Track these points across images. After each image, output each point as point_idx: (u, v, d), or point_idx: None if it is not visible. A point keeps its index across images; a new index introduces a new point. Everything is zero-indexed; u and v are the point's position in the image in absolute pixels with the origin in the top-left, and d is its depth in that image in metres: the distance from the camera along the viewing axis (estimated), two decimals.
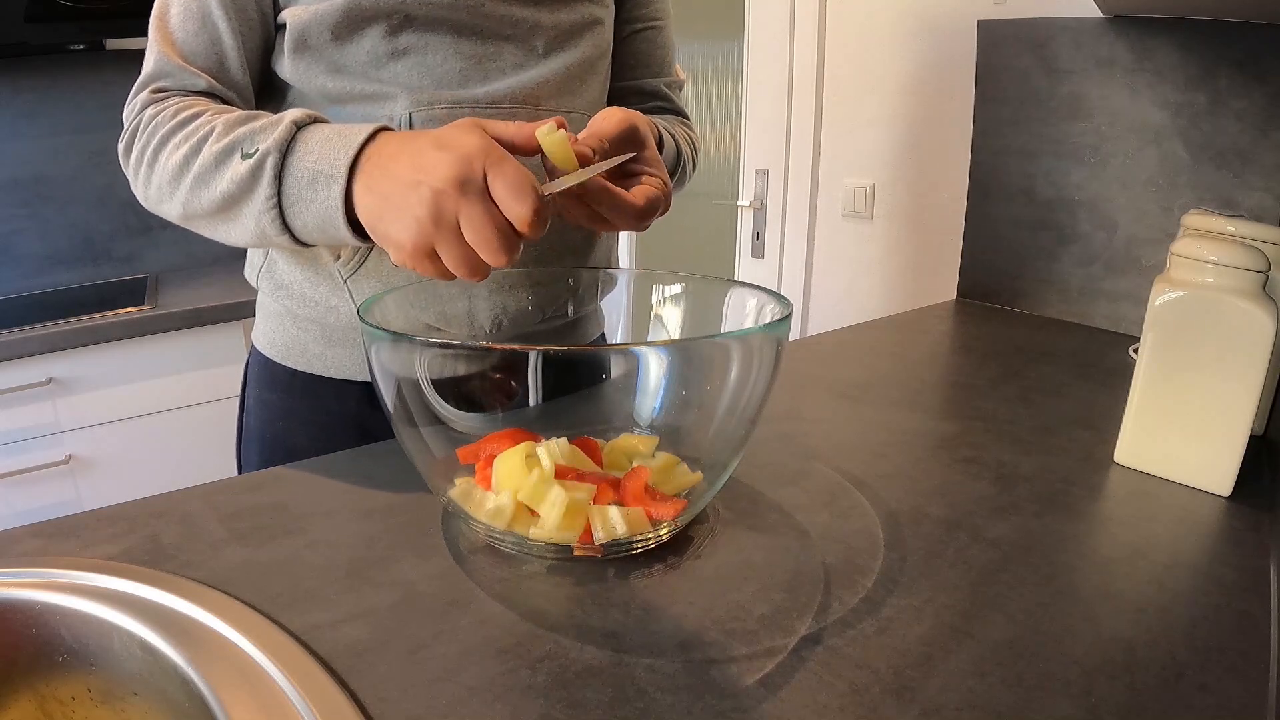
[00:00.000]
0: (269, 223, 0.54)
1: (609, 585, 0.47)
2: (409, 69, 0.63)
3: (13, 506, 1.51)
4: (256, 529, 0.52)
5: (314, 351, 0.73)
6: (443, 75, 0.64)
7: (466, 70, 0.65)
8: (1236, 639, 0.42)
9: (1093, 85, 1.01)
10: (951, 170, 1.30)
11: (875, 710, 0.37)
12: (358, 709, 0.37)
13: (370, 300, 0.52)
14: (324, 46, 0.63)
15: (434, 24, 0.63)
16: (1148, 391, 0.60)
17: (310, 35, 0.62)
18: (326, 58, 0.63)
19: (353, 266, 0.67)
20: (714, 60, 1.86)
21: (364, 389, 0.73)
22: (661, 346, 0.57)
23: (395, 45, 0.63)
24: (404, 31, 0.62)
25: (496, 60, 0.66)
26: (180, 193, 0.58)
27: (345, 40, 0.62)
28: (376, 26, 0.62)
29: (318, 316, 0.70)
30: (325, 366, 0.73)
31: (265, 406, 0.76)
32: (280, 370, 0.74)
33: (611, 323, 0.73)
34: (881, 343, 0.97)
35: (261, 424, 0.76)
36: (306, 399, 0.74)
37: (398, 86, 0.63)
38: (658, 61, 0.83)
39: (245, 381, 0.80)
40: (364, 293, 0.68)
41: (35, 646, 0.44)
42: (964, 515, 0.55)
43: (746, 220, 1.75)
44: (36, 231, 1.81)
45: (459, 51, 0.64)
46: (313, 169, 0.52)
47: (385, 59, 0.63)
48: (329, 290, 0.69)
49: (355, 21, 0.61)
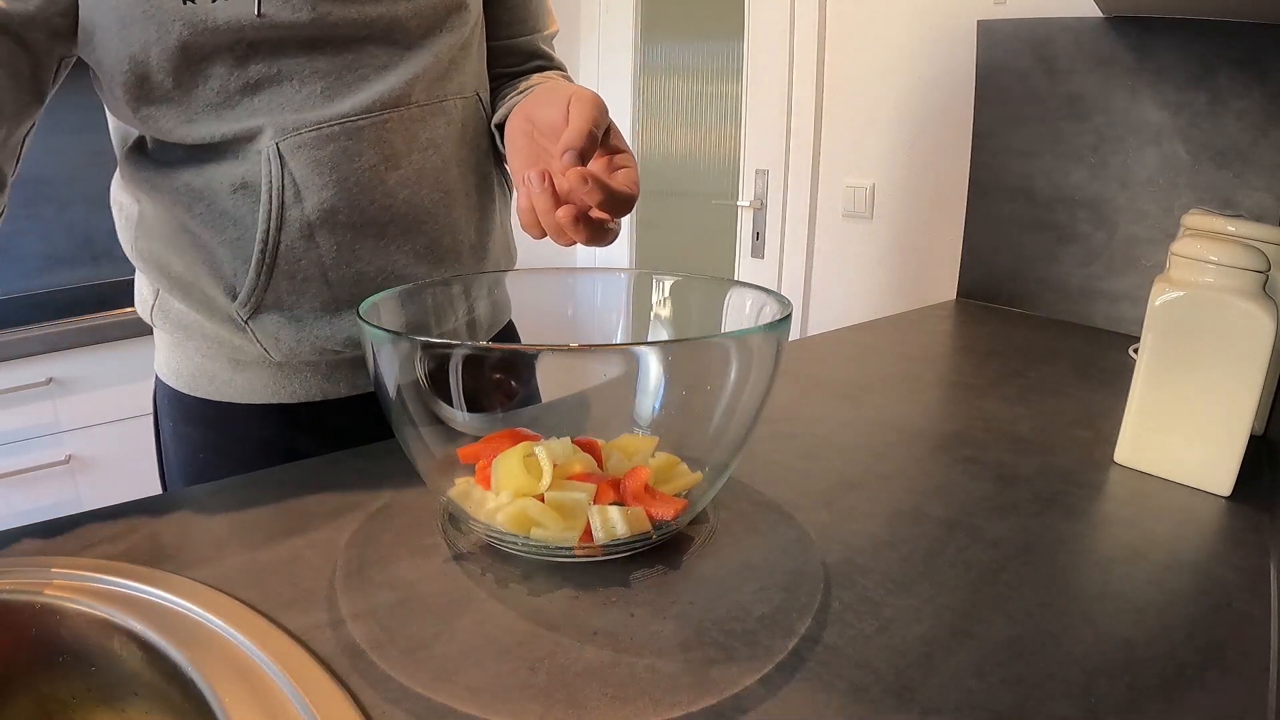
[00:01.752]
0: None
1: (609, 585, 0.47)
2: (266, 100, 0.58)
3: (13, 506, 1.51)
4: (257, 529, 0.52)
5: (223, 378, 0.68)
6: (303, 99, 0.58)
7: (327, 87, 0.59)
8: (1236, 639, 0.42)
9: (1093, 85, 1.01)
10: (951, 170, 1.30)
11: (875, 710, 0.37)
12: (358, 709, 0.37)
13: (370, 300, 0.52)
14: (169, 94, 0.57)
15: (280, 46, 0.57)
16: (1148, 391, 0.60)
17: (152, 84, 0.57)
18: (175, 105, 0.58)
19: (250, 308, 0.63)
20: (714, 60, 1.86)
21: (281, 411, 0.69)
22: (661, 346, 0.57)
23: (246, 78, 0.57)
24: (251, 61, 0.57)
25: (357, 68, 0.60)
26: None
27: (189, 85, 0.57)
28: (220, 62, 0.56)
29: (224, 353, 0.67)
30: (236, 392, 0.68)
31: (182, 441, 0.72)
32: (190, 401, 0.70)
33: (611, 322, 0.73)
34: (881, 343, 0.97)
35: (182, 460, 0.73)
36: (223, 428, 0.69)
37: (258, 120, 0.58)
38: (532, 15, 0.76)
39: (156, 416, 0.76)
40: (269, 331, 0.64)
41: (35, 646, 0.44)
42: (964, 515, 0.55)
43: (746, 220, 1.75)
44: (36, 231, 1.81)
45: (315, 70, 0.58)
46: None
47: (237, 95, 0.58)
48: (231, 331, 0.65)
49: (194, 60, 0.56)
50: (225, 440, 0.70)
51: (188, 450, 0.72)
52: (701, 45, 1.89)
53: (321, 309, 0.64)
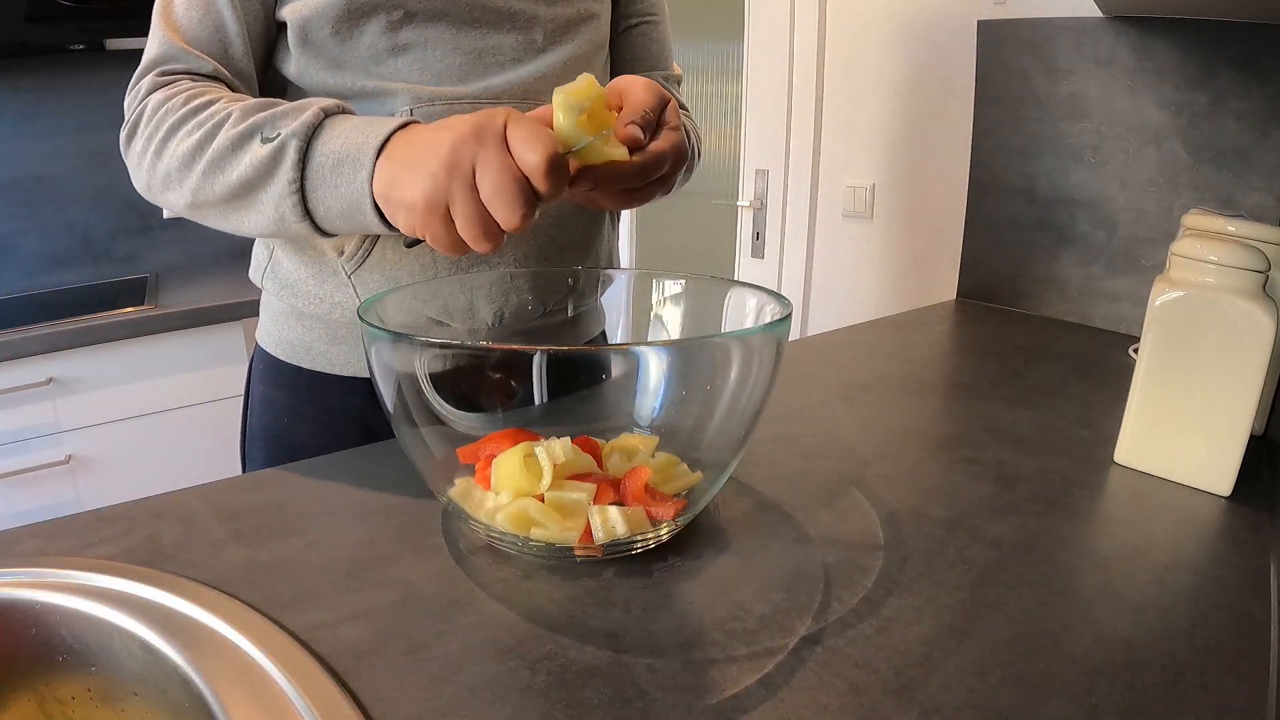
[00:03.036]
0: (290, 208, 0.53)
1: (609, 585, 0.47)
2: (409, 64, 0.64)
3: (13, 506, 1.51)
4: (257, 529, 0.52)
5: (318, 349, 0.73)
6: (442, 71, 0.64)
7: (466, 65, 0.65)
8: (1236, 639, 0.42)
9: (1093, 85, 1.01)
10: (951, 170, 1.30)
11: (875, 710, 0.37)
12: (358, 709, 0.37)
13: (369, 300, 0.52)
14: (324, 42, 0.63)
15: (433, 19, 0.63)
16: (1148, 391, 0.60)
17: (311, 31, 0.62)
18: (327, 54, 0.63)
19: (356, 261, 0.67)
20: (714, 60, 1.86)
21: (367, 385, 0.73)
22: (661, 346, 0.57)
23: (395, 41, 0.63)
24: (404, 27, 0.63)
25: (495, 55, 0.66)
26: (191, 179, 0.57)
27: (345, 36, 0.63)
28: (376, 22, 0.62)
29: (322, 313, 0.71)
30: (329, 364, 0.73)
31: (269, 404, 0.76)
32: (285, 368, 0.75)
33: (611, 322, 0.73)
34: (881, 343, 0.97)
35: (265, 422, 0.77)
36: (310, 396, 0.74)
37: (398, 82, 0.64)
38: (654, 56, 0.83)
39: (249, 380, 0.80)
40: (368, 288, 0.68)
41: (35, 646, 0.44)
42: (964, 515, 0.55)
43: (746, 220, 1.75)
44: (36, 231, 1.81)
45: (458, 47, 0.65)
46: (339, 153, 0.52)
47: (385, 55, 0.63)
48: (334, 287, 0.69)
49: (355, 17, 0.62)
50: (310, 408, 0.74)
51: (273, 413, 0.76)
52: (701, 45, 1.89)
53: (420, 274, 0.68)
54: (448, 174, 0.46)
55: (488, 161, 0.45)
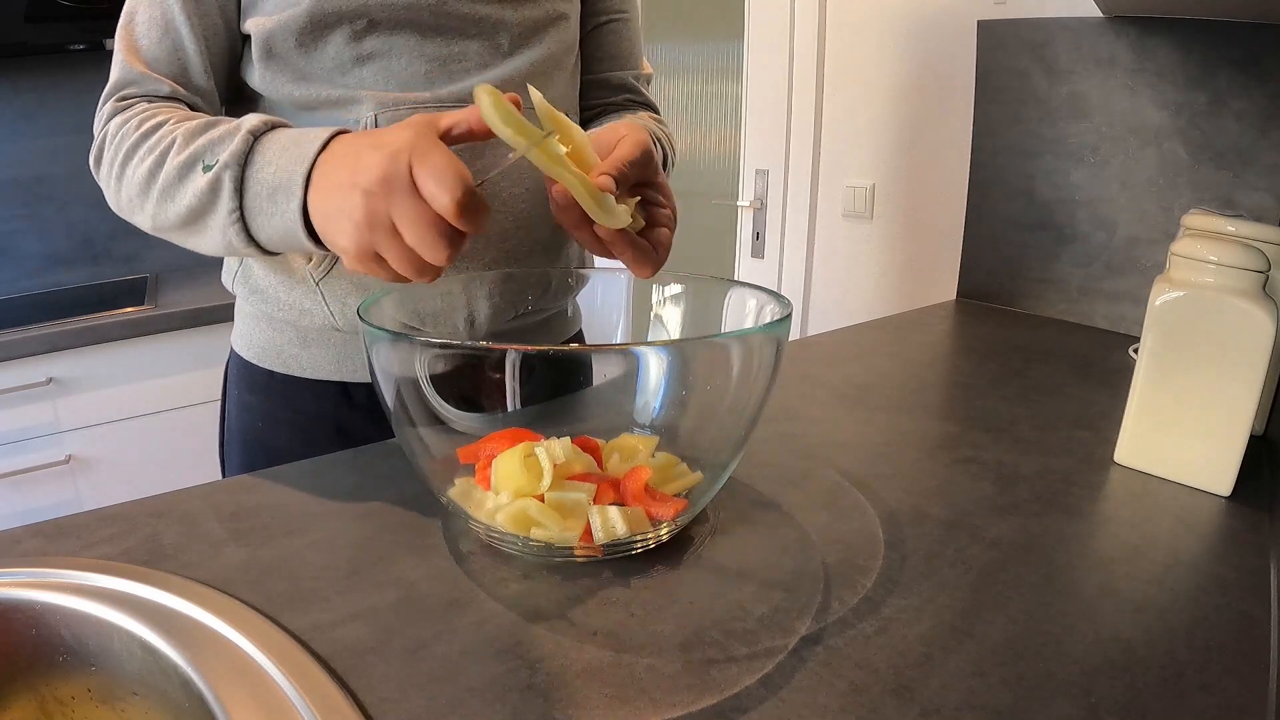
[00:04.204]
0: (234, 235, 0.55)
1: (609, 585, 0.47)
2: (374, 73, 0.64)
3: (13, 506, 1.51)
4: (256, 529, 0.52)
5: (290, 353, 0.73)
6: (408, 78, 0.64)
7: (431, 72, 0.65)
8: (1236, 639, 0.42)
9: (1093, 85, 1.01)
10: (951, 170, 1.30)
11: (875, 710, 0.37)
12: (358, 709, 0.37)
13: (369, 300, 0.52)
14: (289, 54, 0.63)
15: (397, 27, 0.63)
16: (1148, 391, 0.60)
17: (275, 43, 0.62)
18: (292, 65, 0.64)
19: (324, 269, 0.68)
20: (714, 60, 1.86)
21: (339, 389, 0.73)
22: (661, 346, 0.57)
23: (360, 50, 0.63)
24: (368, 36, 0.63)
25: (461, 60, 0.66)
26: (149, 205, 0.58)
27: (310, 48, 0.63)
28: (340, 32, 0.62)
29: (292, 319, 0.71)
30: (300, 367, 0.73)
31: (245, 409, 0.77)
32: (258, 372, 0.75)
33: (611, 322, 0.73)
34: (881, 343, 0.97)
35: (242, 426, 0.77)
36: (284, 400, 0.74)
37: (363, 90, 0.64)
38: (624, 54, 0.83)
39: (225, 384, 0.80)
40: (337, 295, 0.68)
41: (35, 646, 0.44)
42: (964, 515, 0.55)
43: (746, 220, 1.75)
44: (36, 231, 1.80)
45: (423, 54, 0.64)
46: (271, 182, 0.52)
47: (350, 64, 0.63)
48: (302, 294, 0.69)
49: (319, 28, 0.62)
50: (284, 411, 0.74)
51: (249, 418, 0.76)
52: (701, 45, 1.89)
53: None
54: (369, 229, 0.45)
55: (402, 212, 0.44)
